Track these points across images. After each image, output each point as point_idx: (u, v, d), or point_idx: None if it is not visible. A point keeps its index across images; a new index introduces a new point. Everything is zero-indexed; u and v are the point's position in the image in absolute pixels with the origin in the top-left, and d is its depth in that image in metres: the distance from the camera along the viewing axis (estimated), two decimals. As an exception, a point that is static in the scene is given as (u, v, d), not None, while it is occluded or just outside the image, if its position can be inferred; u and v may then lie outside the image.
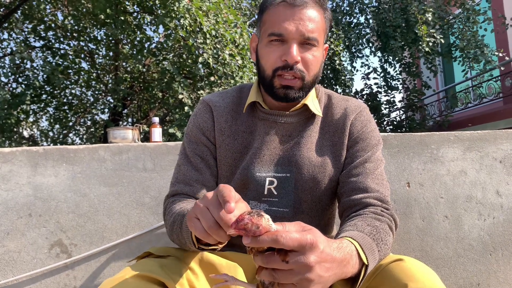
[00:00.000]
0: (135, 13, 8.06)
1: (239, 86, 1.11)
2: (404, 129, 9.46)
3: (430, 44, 7.11)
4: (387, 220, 0.86)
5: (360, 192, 0.93)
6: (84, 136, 10.42)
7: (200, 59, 5.65)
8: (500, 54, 7.51)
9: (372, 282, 0.77)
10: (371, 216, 0.86)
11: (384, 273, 0.78)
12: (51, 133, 9.70)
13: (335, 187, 1.01)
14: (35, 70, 8.38)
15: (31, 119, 9.52)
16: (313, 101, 1.02)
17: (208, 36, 5.72)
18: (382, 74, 9.16)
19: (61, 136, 9.66)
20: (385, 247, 0.79)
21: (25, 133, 10.07)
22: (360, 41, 8.66)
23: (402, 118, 10.37)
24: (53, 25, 8.17)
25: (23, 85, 7.86)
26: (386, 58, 8.63)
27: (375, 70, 9.17)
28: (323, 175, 0.97)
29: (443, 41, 7.32)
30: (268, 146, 0.99)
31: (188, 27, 5.65)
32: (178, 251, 0.92)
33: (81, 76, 9.06)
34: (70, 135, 10.17)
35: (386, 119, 9.87)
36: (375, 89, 9.45)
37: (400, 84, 9.52)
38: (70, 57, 8.38)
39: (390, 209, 0.92)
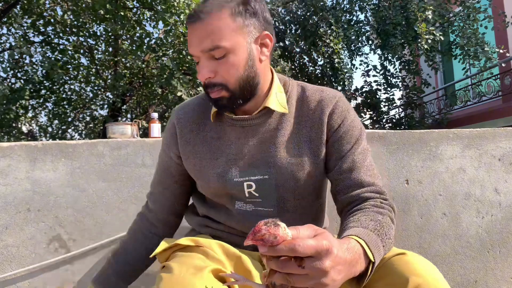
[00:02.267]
0: (135, 9, 8.03)
1: (204, 93, 1.06)
2: (403, 126, 9.46)
3: (429, 41, 7.10)
4: (387, 212, 0.87)
5: (356, 188, 0.93)
6: (83, 132, 10.41)
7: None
8: (501, 51, 7.50)
9: (375, 275, 0.77)
10: (373, 210, 0.86)
11: (387, 267, 0.79)
12: (50, 129, 9.68)
13: (319, 183, 1.01)
14: (34, 65, 8.37)
15: (30, 114, 9.49)
16: (277, 97, 0.97)
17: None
18: (381, 72, 9.16)
19: (60, 132, 9.65)
20: (389, 241, 0.80)
21: (24, 128, 10.05)
22: (360, 38, 8.65)
23: (401, 115, 10.37)
24: (52, 20, 8.14)
25: (22, 80, 7.85)
26: (385, 55, 8.61)
27: (374, 67, 9.17)
28: (302, 172, 0.96)
29: (442, 39, 7.31)
30: (242, 151, 0.97)
31: (188, 23, 5.63)
32: (205, 241, 0.91)
33: (80, 72, 9.04)
34: (69, 130, 10.16)
35: (385, 116, 9.87)
36: (374, 86, 9.44)
37: (400, 81, 9.52)
38: (70, 52, 8.36)
39: (388, 199, 0.92)
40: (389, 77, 9.20)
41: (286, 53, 9.40)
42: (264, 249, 0.59)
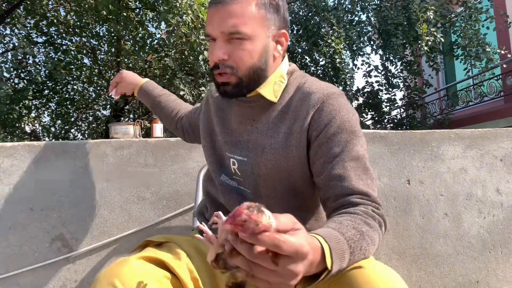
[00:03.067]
0: (137, 10, 8.05)
1: None
2: (405, 127, 9.44)
3: (430, 43, 7.09)
4: (377, 226, 0.81)
5: (347, 195, 0.86)
6: (86, 132, 10.43)
7: (202, 56, 5.65)
8: (502, 52, 7.49)
9: (328, 286, 0.75)
10: (361, 217, 0.80)
11: (343, 279, 0.76)
12: (53, 129, 9.70)
13: (293, 179, 0.97)
14: (37, 66, 8.38)
15: (33, 115, 9.52)
16: (274, 86, 0.97)
17: (210, 32, 5.70)
18: (383, 72, 9.15)
19: (63, 132, 9.67)
20: (361, 256, 0.75)
21: (27, 129, 10.07)
22: (362, 39, 8.63)
23: (403, 116, 10.35)
24: (55, 20, 8.16)
25: (25, 81, 7.87)
26: (387, 56, 8.60)
27: (376, 68, 9.16)
28: (274, 163, 0.94)
29: (443, 40, 7.30)
30: (235, 128, 1.02)
31: (190, 24, 5.65)
32: (177, 238, 0.95)
33: (83, 72, 9.07)
34: (72, 130, 10.18)
35: (387, 117, 9.85)
36: (376, 87, 9.43)
37: (401, 82, 9.50)
38: (72, 53, 8.38)
39: (381, 209, 0.86)
40: (390, 78, 9.18)
41: (288, 53, 9.39)
42: (244, 235, 0.53)
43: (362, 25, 8.68)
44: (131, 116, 10.61)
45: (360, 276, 0.75)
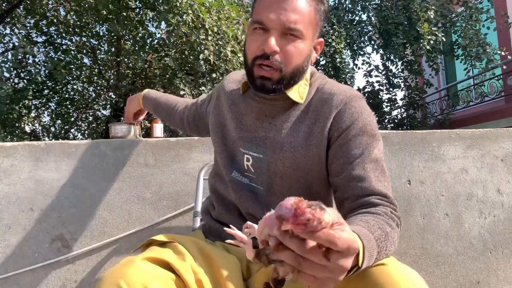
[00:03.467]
0: (138, 9, 8.04)
1: None
2: (405, 127, 9.45)
3: (431, 42, 7.08)
4: (396, 227, 0.83)
5: (366, 196, 0.88)
6: (86, 132, 10.42)
7: (202, 56, 5.64)
8: (503, 53, 7.48)
9: (350, 283, 0.75)
10: (383, 218, 0.81)
11: (364, 277, 0.76)
12: (52, 128, 9.70)
13: (310, 178, 0.97)
14: (37, 65, 8.38)
15: (33, 114, 9.51)
16: (299, 89, 0.98)
17: (210, 32, 5.71)
18: (384, 72, 9.15)
19: (62, 132, 9.66)
20: (384, 256, 0.76)
21: (27, 128, 10.07)
22: (362, 38, 8.64)
23: (403, 116, 10.35)
24: (55, 20, 8.15)
25: (25, 80, 7.86)
26: (388, 55, 8.61)
27: (376, 68, 9.16)
28: (292, 161, 0.95)
29: (444, 40, 7.30)
30: (251, 124, 1.01)
31: (190, 23, 5.65)
32: (181, 238, 0.94)
33: (83, 72, 9.06)
34: (72, 130, 10.17)
35: (387, 117, 9.85)
36: (376, 87, 9.43)
37: (402, 82, 9.50)
38: (72, 52, 8.37)
39: (397, 210, 0.88)
40: (391, 77, 9.19)
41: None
42: (303, 233, 0.52)
43: (363, 24, 8.69)
44: (131, 116, 10.58)
45: (381, 274, 0.75)
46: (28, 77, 7.83)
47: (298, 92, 0.97)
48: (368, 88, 9.50)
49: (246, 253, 0.67)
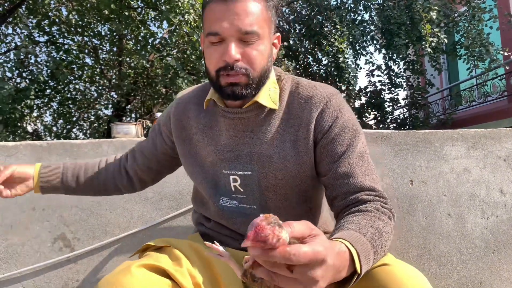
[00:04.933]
0: (139, 9, 8.05)
1: (207, 82, 1.06)
2: (407, 127, 9.43)
3: (433, 44, 7.07)
4: (388, 220, 0.82)
5: (354, 193, 0.88)
6: (88, 131, 10.44)
7: (204, 55, 5.64)
8: (506, 53, 7.46)
9: (355, 285, 0.74)
10: (374, 214, 0.81)
11: (369, 278, 0.76)
12: (54, 128, 9.73)
13: (304, 185, 0.96)
14: (39, 65, 8.41)
15: (35, 114, 9.55)
16: (269, 93, 0.94)
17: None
18: (386, 72, 9.13)
19: (64, 131, 9.69)
20: (382, 253, 0.76)
21: (29, 128, 10.09)
22: (364, 38, 8.62)
23: (405, 116, 10.34)
24: (57, 20, 8.17)
25: (27, 80, 7.88)
26: (390, 55, 8.59)
27: (379, 67, 9.15)
28: (285, 172, 0.93)
29: (446, 41, 7.28)
30: (230, 143, 0.96)
31: (192, 23, 5.65)
32: (178, 242, 0.94)
33: (85, 72, 9.08)
34: (74, 130, 10.19)
35: (389, 116, 9.83)
36: (379, 86, 9.42)
37: (404, 81, 9.49)
38: (74, 52, 8.40)
39: (389, 204, 0.88)
40: (393, 77, 9.17)
41: (291, 53, 9.37)
42: (257, 252, 0.54)
43: (365, 24, 8.67)
44: (133, 115, 10.62)
45: (385, 274, 0.75)
46: (30, 77, 7.85)
47: (270, 97, 0.94)
48: (370, 87, 9.49)
49: (235, 271, 0.69)
